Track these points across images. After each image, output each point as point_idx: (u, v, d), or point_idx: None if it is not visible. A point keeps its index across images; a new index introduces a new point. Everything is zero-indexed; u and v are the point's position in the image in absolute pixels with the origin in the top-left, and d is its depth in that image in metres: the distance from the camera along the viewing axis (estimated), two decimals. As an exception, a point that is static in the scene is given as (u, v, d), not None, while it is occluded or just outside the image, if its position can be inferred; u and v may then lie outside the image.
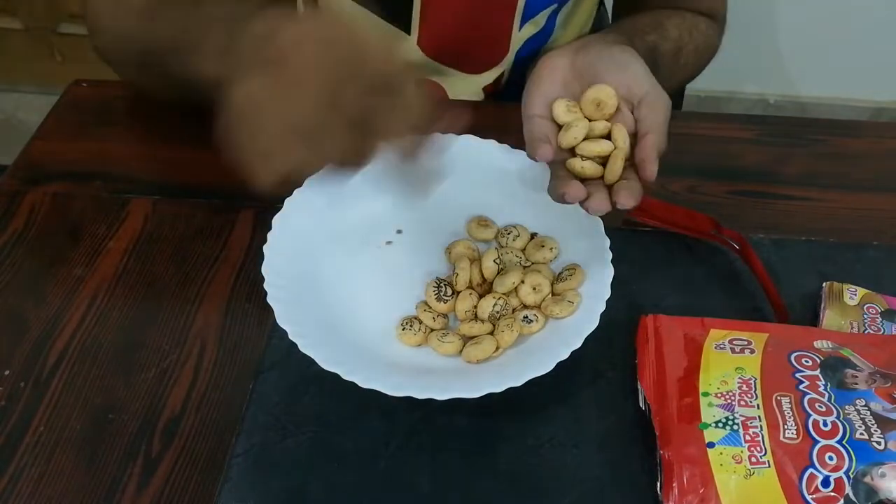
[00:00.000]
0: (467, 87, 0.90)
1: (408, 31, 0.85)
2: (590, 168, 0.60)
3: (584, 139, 0.61)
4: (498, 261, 0.65)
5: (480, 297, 0.63)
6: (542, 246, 0.66)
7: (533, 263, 0.66)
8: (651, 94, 0.63)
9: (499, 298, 0.62)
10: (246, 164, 0.50)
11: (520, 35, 0.86)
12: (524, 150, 0.69)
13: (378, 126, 0.51)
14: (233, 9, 0.59)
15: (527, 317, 0.62)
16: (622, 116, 0.63)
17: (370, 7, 0.84)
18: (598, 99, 0.62)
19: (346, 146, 0.51)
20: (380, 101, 0.50)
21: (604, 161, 0.61)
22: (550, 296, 0.63)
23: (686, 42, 0.81)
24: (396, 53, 0.52)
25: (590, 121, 0.62)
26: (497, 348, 0.60)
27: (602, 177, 0.61)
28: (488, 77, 0.90)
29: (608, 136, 0.62)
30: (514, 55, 0.88)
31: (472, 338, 0.61)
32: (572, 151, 0.62)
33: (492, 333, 0.61)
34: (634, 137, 0.62)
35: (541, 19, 0.86)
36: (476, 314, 0.63)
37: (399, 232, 0.68)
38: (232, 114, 0.50)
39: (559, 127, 0.63)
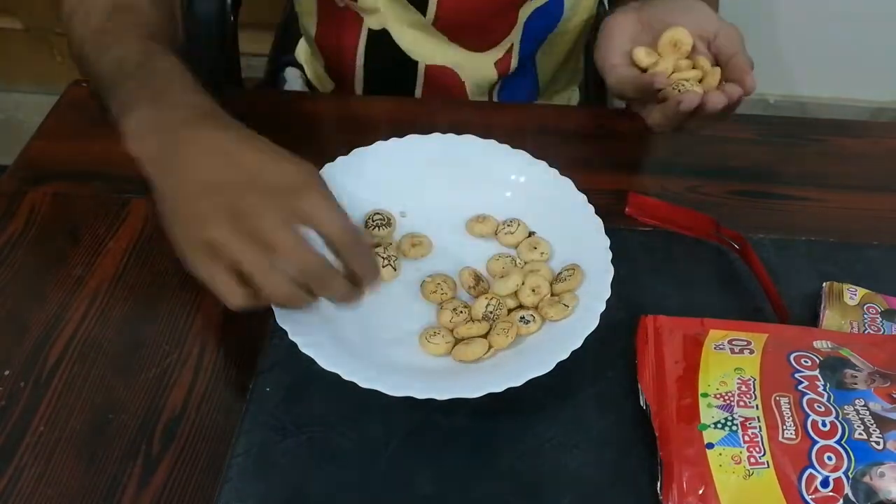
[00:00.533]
0: (478, 65, 0.90)
1: (423, 11, 0.85)
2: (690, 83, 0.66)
3: (673, 72, 0.68)
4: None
5: (476, 298, 0.64)
6: (535, 248, 0.66)
7: (527, 263, 0.66)
8: (724, 27, 0.69)
9: (492, 299, 0.62)
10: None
11: (529, 4, 0.87)
12: (524, 150, 0.70)
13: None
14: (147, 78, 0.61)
15: (524, 317, 0.62)
16: (699, 54, 0.69)
17: None
18: (675, 39, 0.69)
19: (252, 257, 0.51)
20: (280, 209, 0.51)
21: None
22: (549, 296, 0.63)
23: None
24: (293, 167, 0.53)
25: None
26: (489, 348, 0.60)
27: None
28: (497, 52, 0.90)
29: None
30: (521, 28, 0.88)
31: (466, 339, 0.61)
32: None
33: (487, 334, 0.61)
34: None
35: None
36: (471, 316, 0.63)
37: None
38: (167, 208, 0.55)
39: (643, 71, 0.69)
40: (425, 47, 0.89)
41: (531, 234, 0.68)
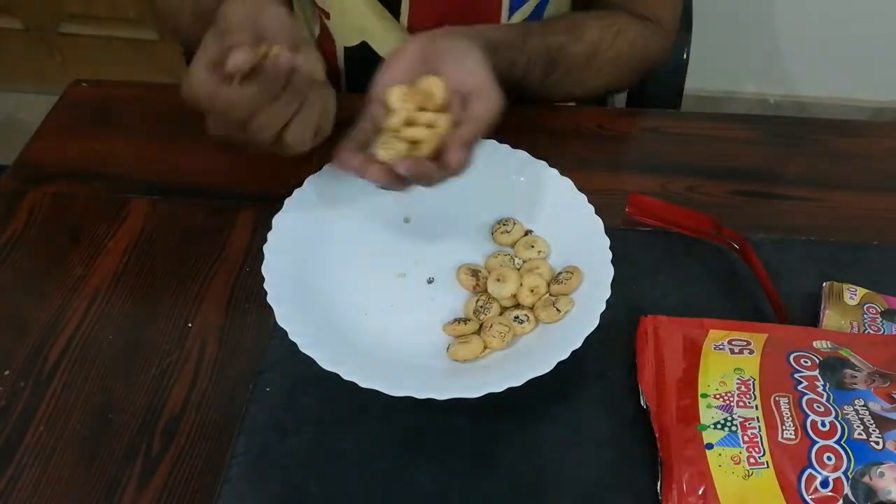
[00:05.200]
0: None
1: (397, 16, 0.85)
2: (395, 153, 0.61)
3: (405, 125, 0.62)
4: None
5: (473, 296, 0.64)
6: (532, 246, 0.66)
7: (525, 262, 0.66)
8: (483, 90, 0.63)
9: (481, 294, 0.62)
10: None
11: (509, 23, 0.86)
12: (524, 150, 0.70)
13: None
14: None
15: (517, 317, 0.62)
16: (453, 108, 0.63)
17: None
18: (427, 90, 0.63)
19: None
20: None
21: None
22: (547, 296, 0.63)
23: (605, 48, 0.80)
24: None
25: (421, 109, 0.63)
26: (485, 348, 0.60)
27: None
28: None
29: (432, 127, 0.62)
30: None
31: (459, 337, 0.61)
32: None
33: (479, 331, 0.61)
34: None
35: (528, 8, 0.86)
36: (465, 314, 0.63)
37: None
38: None
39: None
40: None
41: (528, 232, 0.68)
